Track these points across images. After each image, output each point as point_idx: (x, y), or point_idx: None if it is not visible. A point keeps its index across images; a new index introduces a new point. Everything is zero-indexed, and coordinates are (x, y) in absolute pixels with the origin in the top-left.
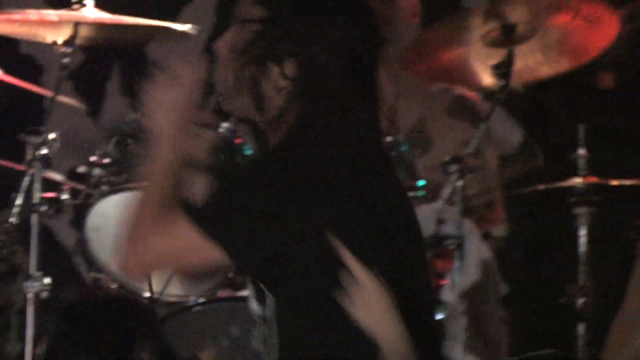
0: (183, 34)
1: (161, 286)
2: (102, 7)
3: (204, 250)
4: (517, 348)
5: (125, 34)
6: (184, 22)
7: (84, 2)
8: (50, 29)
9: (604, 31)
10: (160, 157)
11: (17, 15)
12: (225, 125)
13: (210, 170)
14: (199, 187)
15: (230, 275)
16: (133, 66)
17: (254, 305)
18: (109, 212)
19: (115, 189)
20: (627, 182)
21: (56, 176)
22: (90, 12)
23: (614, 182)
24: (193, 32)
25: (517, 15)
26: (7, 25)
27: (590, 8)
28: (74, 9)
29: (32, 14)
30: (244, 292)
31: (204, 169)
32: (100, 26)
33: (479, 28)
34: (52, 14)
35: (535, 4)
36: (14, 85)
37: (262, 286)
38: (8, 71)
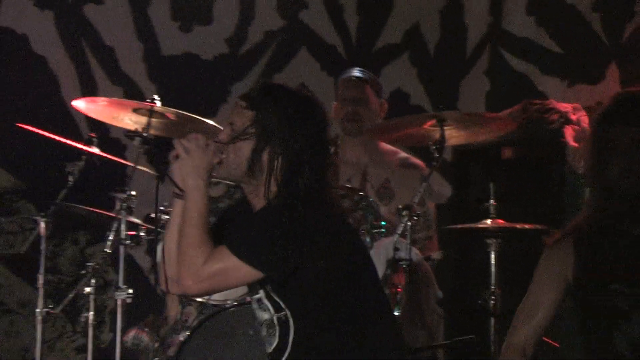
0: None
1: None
2: (167, 105)
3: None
4: (448, 335)
5: (183, 126)
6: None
7: (155, 100)
8: (132, 118)
9: (504, 124)
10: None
11: (104, 100)
12: None
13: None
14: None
15: None
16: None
17: (260, 313)
18: None
19: None
20: (525, 225)
21: (136, 220)
22: (159, 107)
23: (516, 225)
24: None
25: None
26: (99, 110)
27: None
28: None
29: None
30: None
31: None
32: (165, 118)
33: (423, 120)
34: (132, 101)
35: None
36: (107, 159)
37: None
38: (102, 149)
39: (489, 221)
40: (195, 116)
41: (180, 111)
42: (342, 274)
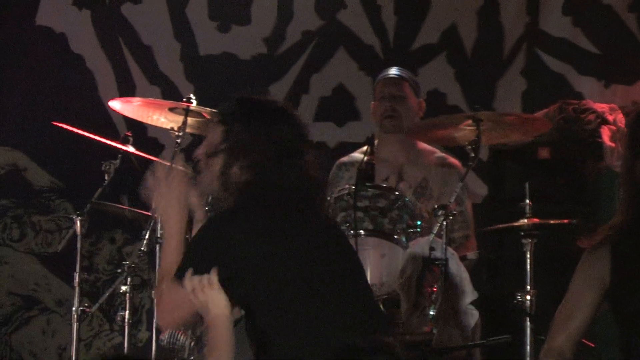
0: None
1: None
2: (205, 105)
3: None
4: (483, 334)
5: None
6: None
7: (192, 100)
8: (168, 117)
9: (540, 124)
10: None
11: (139, 100)
12: None
13: None
14: None
15: None
16: None
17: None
18: None
19: None
20: (558, 221)
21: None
22: (195, 107)
23: (551, 221)
24: None
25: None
26: (136, 110)
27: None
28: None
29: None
30: None
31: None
32: (201, 117)
33: (459, 120)
34: (167, 101)
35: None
36: (144, 158)
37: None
38: (139, 148)
39: (524, 220)
40: None
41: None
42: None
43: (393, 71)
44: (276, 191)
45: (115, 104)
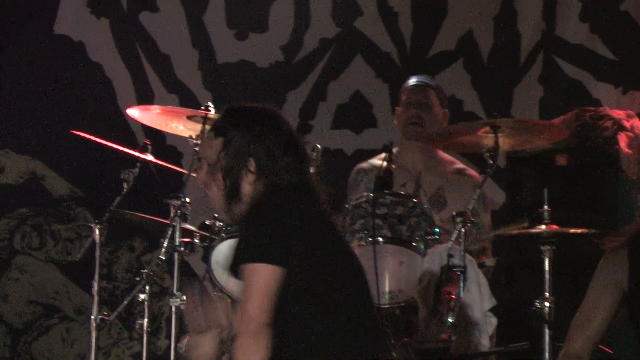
0: None
1: None
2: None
3: None
4: (501, 341)
5: None
6: None
7: (209, 108)
8: (186, 125)
9: (557, 131)
10: None
11: (157, 108)
12: None
13: None
14: None
15: None
16: None
17: None
18: (225, 251)
19: (229, 236)
20: (578, 229)
21: (190, 227)
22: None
23: (570, 230)
24: None
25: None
26: (154, 118)
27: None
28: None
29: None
30: None
31: None
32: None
33: (477, 127)
34: (186, 109)
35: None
36: (163, 166)
37: None
38: (158, 157)
39: (543, 227)
40: None
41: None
42: (308, 280)
43: (421, 78)
44: (290, 189)
45: (134, 112)
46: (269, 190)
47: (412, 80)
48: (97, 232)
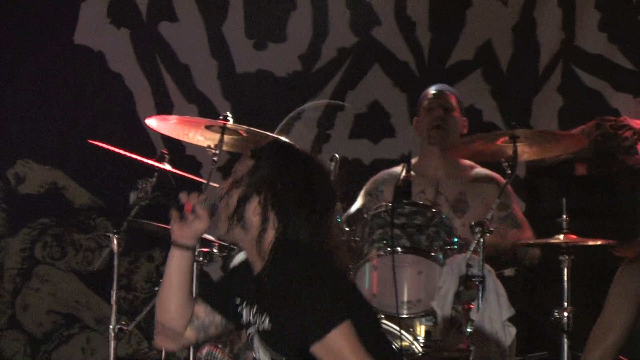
0: None
1: None
2: (239, 122)
3: None
4: (520, 351)
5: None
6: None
7: (228, 117)
8: (205, 135)
9: (576, 140)
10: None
11: (174, 118)
12: None
13: None
14: None
15: None
16: None
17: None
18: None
19: None
20: (597, 241)
21: (209, 237)
22: (231, 124)
23: (588, 240)
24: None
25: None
26: (173, 128)
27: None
28: (220, 120)
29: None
30: None
31: None
32: (237, 134)
33: (496, 137)
34: (203, 119)
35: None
36: (182, 176)
37: None
38: (176, 166)
39: (561, 237)
40: (266, 132)
41: (252, 128)
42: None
43: (442, 86)
44: (320, 242)
45: (152, 122)
46: (284, 243)
47: (433, 88)
48: (115, 241)
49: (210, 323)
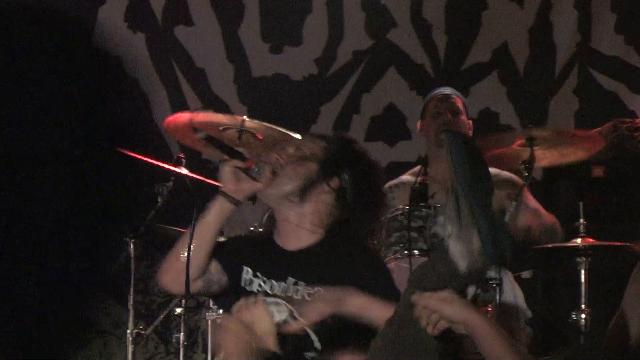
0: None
1: None
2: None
3: None
4: (537, 354)
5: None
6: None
7: (245, 121)
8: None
9: (593, 143)
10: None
11: (188, 115)
12: None
13: None
14: None
15: None
16: None
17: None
18: None
19: None
20: (615, 243)
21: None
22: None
23: (606, 242)
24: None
25: (537, 132)
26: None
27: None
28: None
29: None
30: None
31: None
32: (253, 138)
33: (513, 138)
34: (220, 115)
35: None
36: (199, 180)
37: None
38: (193, 170)
39: (579, 240)
40: (284, 130)
41: (269, 125)
42: None
43: (447, 89)
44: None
45: (168, 125)
46: (343, 225)
47: (438, 91)
48: (131, 246)
49: (217, 281)
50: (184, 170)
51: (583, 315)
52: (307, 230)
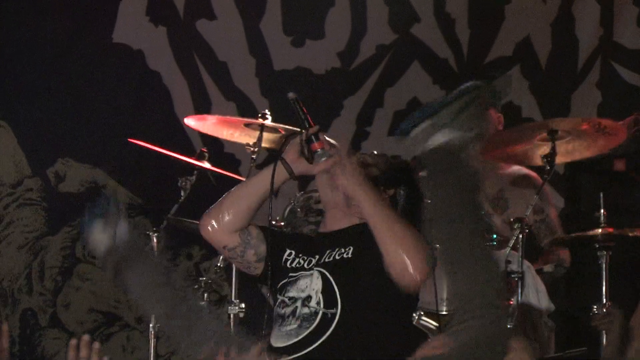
0: None
1: None
2: (279, 120)
3: None
4: (559, 347)
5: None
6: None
7: (267, 115)
8: (244, 134)
9: (615, 136)
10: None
11: (214, 118)
12: None
13: None
14: None
15: None
16: None
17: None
18: None
19: None
20: (635, 231)
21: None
22: (270, 123)
23: (626, 231)
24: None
25: (558, 124)
26: (211, 127)
27: (606, 122)
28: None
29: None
30: None
31: None
32: (276, 132)
33: (534, 132)
34: (241, 118)
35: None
36: (221, 174)
37: None
38: (215, 164)
39: (599, 230)
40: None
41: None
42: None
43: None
44: None
45: (190, 121)
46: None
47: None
48: (154, 239)
49: (254, 246)
50: (207, 164)
51: (604, 309)
52: (348, 217)
